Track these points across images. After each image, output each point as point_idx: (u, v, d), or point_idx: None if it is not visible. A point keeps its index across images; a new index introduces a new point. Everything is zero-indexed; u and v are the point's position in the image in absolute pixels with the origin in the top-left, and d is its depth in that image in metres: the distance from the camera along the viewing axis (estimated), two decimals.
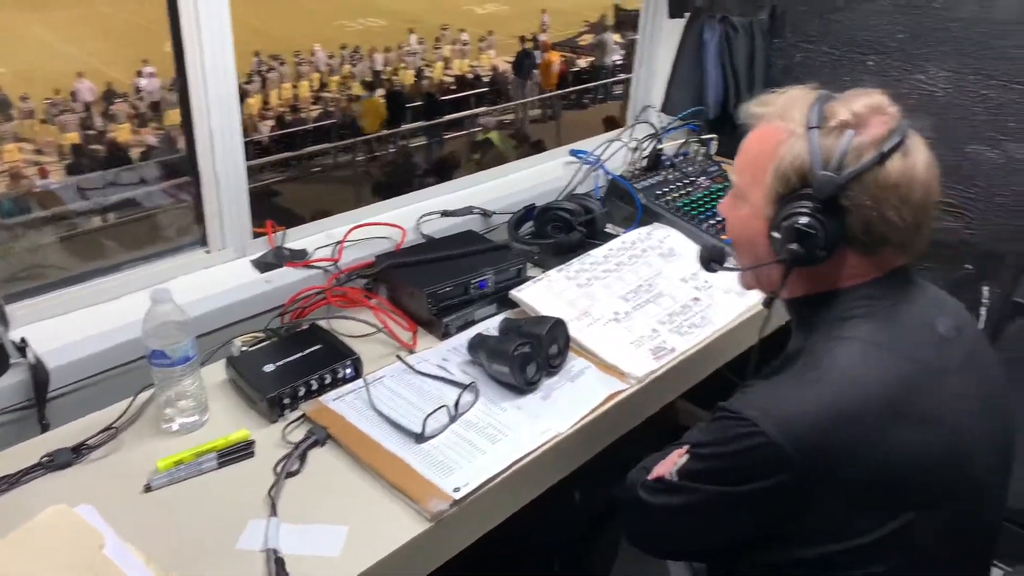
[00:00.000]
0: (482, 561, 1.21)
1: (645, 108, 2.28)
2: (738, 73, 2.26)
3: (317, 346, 1.39)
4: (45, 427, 1.29)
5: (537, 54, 13.41)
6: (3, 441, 1.23)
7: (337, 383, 1.35)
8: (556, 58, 13.38)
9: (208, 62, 1.46)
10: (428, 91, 12.38)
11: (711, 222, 1.86)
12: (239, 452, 1.21)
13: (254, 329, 1.48)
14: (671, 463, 1.05)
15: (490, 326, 1.52)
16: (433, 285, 1.50)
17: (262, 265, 1.62)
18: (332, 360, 1.35)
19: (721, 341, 1.55)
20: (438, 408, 1.26)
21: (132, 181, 8.26)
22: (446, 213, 1.85)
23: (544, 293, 1.57)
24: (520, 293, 1.56)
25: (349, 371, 1.36)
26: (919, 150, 0.99)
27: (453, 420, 1.27)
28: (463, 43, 14.68)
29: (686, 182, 1.99)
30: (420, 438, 1.22)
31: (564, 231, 1.77)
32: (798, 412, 0.93)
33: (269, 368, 1.33)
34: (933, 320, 1.03)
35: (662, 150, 2.05)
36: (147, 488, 1.14)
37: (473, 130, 11.50)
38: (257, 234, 1.67)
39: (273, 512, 1.10)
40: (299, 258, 1.65)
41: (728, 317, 1.59)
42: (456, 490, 1.13)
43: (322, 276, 1.62)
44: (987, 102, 1.96)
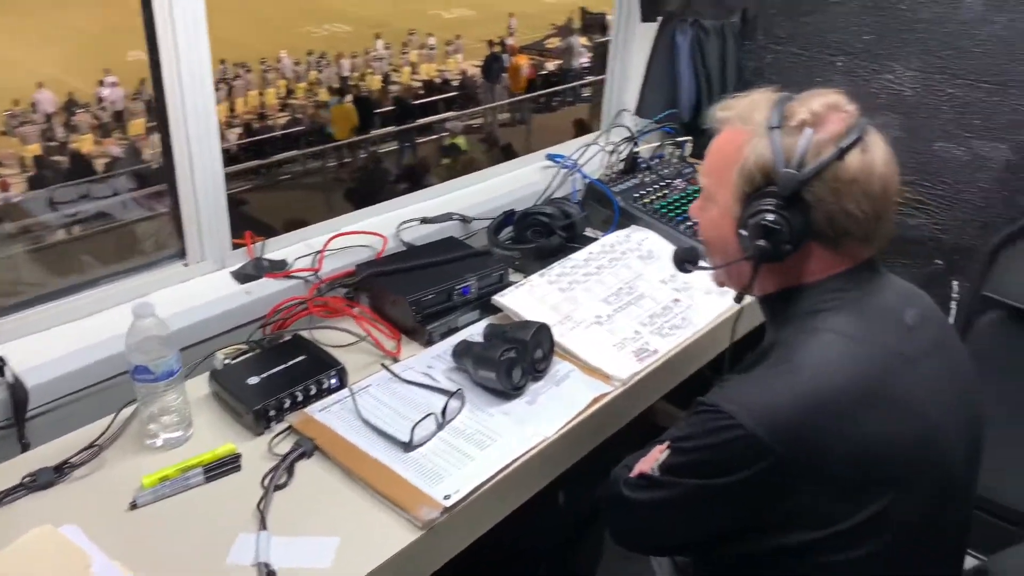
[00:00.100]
0: (468, 567, 1.20)
1: (621, 112, 2.29)
2: (710, 75, 2.28)
3: (301, 357, 1.38)
4: (25, 446, 1.27)
5: (505, 58, 13.42)
6: None
7: (322, 394, 1.34)
8: (525, 62, 13.38)
9: (185, 72, 1.45)
10: (400, 95, 12.33)
11: (688, 223, 1.87)
12: (226, 466, 1.19)
13: (235, 341, 1.47)
14: (652, 459, 1.06)
15: (473, 332, 1.52)
16: (416, 292, 1.50)
17: (242, 276, 1.60)
18: (317, 371, 1.35)
19: (702, 341, 1.57)
20: (425, 416, 1.26)
21: (105, 193, 8.11)
22: (425, 220, 1.85)
23: (527, 298, 1.58)
24: (503, 298, 1.56)
25: (334, 381, 1.36)
26: (877, 145, 1.02)
27: (441, 428, 1.27)
28: (430, 48, 14.65)
29: (662, 184, 2.01)
30: (408, 447, 1.22)
31: (544, 235, 1.78)
32: (774, 403, 0.96)
33: (253, 380, 1.32)
34: (900, 310, 1.06)
35: (638, 153, 2.06)
36: (133, 505, 1.13)
37: (443, 135, 11.48)
38: (236, 245, 1.65)
39: (263, 525, 1.09)
40: (279, 269, 1.63)
41: (708, 318, 1.61)
42: (446, 497, 1.13)
43: (303, 286, 1.61)
44: (953, 100, 2.00)
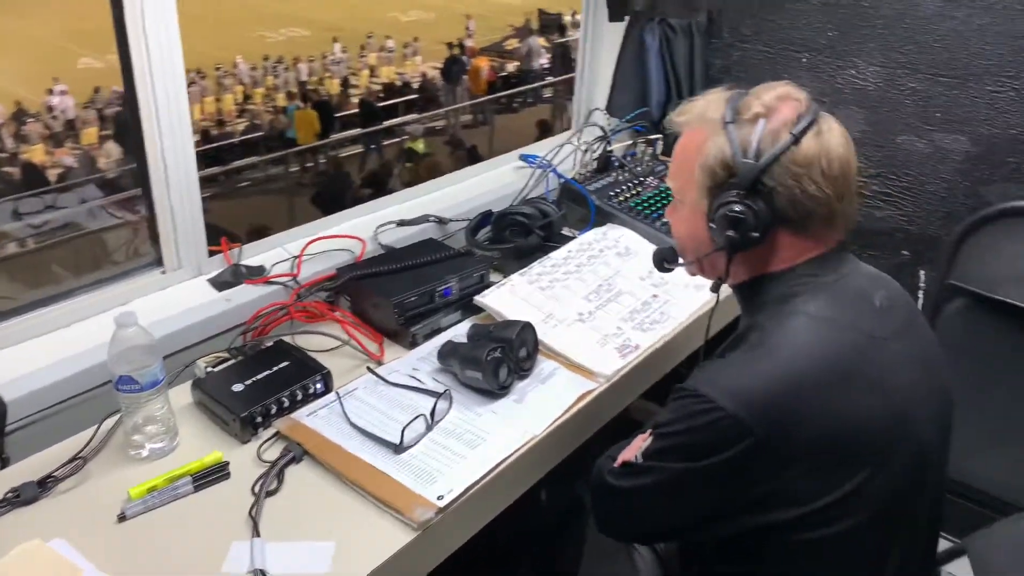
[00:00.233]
0: (451, 569, 1.20)
1: (593, 111, 2.31)
2: (679, 74, 2.31)
3: (285, 363, 1.37)
4: (5, 462, 1.24)
5: (465, 60, 13.40)
6: None
7: (309, 399, 1.33)
8: (485, 63, 13.38)
9: (158, 76, 1.43)
10: (364, 98, 12.23)
11: (663, 220, 1.89)
12: (214, 474, 1.18)
13: (216, 349, 1.45)
14: (636, 447, 1.09)
15: (457, 333, 1.53)
16: (399, 295, 1.49)
17: (220, 284, 1.59)
18: (302, 376, 1.34)
19: (682, 335, 1.59)
20: (415, 418, 1.26)
21: (69, 202, 7.90)
22: (403, 222, 1.84)
23: (508, 297, 1.58)
24: (485, 299, 1.57)
25: (320, 386, 1.35)
26: (832, 129, 1.06)
27: (430, 429, 1.27)
28: (389, 51, 14.55)
29: (636, 182, 2.02)
30: (399, 448, 1.22)
31: (522, 235, 1.79)
32: (752, 384, 0.99)
33: (238, 387, 1.30)
34: (870, 294, 1.10)
35: (612, 152, 2.08)
36: (121, 517, 1.11)
37: (405, 138, 11.42)
38: (212, 252, 1.63)
39: (256, 532, 1.08)
40: (257, 275, 1.62)
41: (688, 311, 1.63)
42: (440, 497, 1.13)
43: (282, 292, 1.60)
44: (915, 95, 2.05)
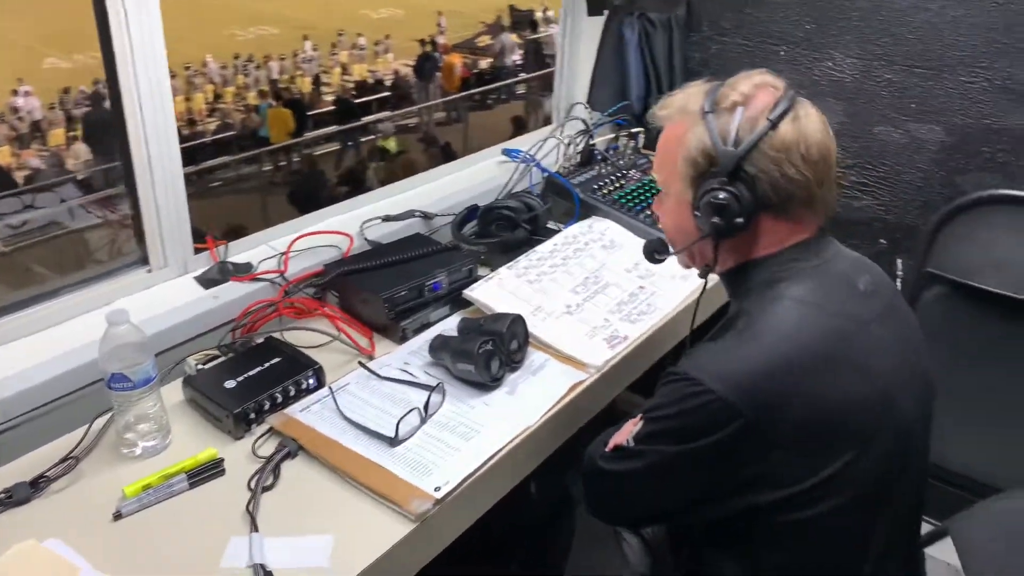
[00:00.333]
0: (441, 562, 1.21)
1: (575, 105, 2.32)
2: (658, 68, 2.32)
3: (276, 359, 1.37)
4: None
5: (438, 56, 13.35)
6: None
7: (301, 394, 1.33)
8: (458, 60, 13.34)
9: (141, 73, 1.41)
10: (341, 95, 12.13)
11: (647, 212, 1.91)
12: (209, 471, 1.18)
13: (204, 347, 1.44)
14: (627, 432, 1.11)
15: (446, 327, 1.53)
16: (389, 290, 1.50)
17: (207, 281, 1.58)
18: (294, 372, 1.34)
19: (669, 326, 1.61)
20: (409, 411, 1.26)
21: (49, 203, 7.76)
22: (388, 218, 1.84)
23: (497, 291, 1.59)
24: (474, 292, 1.57)
25: (312, 381, 1.35)
26: (810, 115, 1.09)
27: (424, 422, 1.28)
28: (360, 48, 14.44)
29: (619, 175, 2.04)
30: (394, 442, 1.22)
31: (509, 229, 1.79)
32: (741, 367, 1.01)
33: (230, 384, 1.30)
34: (854, 278, 1.13)
35: (595, 145, 2.09)
36: (117, 515, 1.11)
37: (377, 136, 11.34)
38: (198, 250, 1.63)
39: (254, 527, 1.08)
40: (244, 272, 1.61)
41: (674, 302, 1.65)
42: (437, 489, 1.14)
43: (270, 288, 1.59)
44: (891, 86, 2.08)
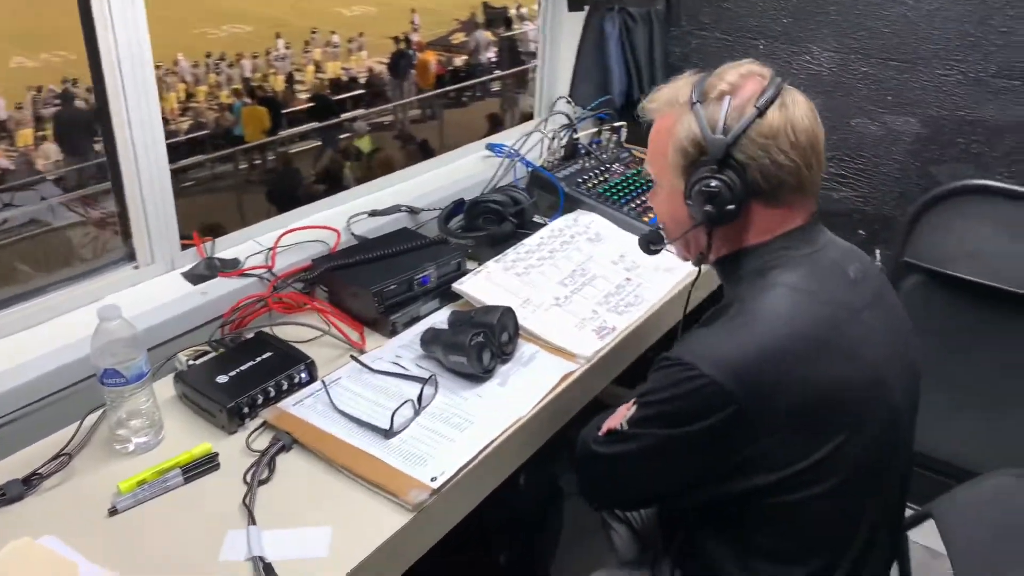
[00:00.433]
0: (440, 550, 1.22)
1: (557, 99, 2.33)
2: (639, 62, 2.35)
3: (267, 353, 1.37)
4: None
5: (412, 53, 13.29)
6: None
7: (294, 388, 1.34)
8: (433, 57, 13.30)
9: (127, 73, 1.41)
10: (318, 92, 12.03)
11: (632, 205, 1.93)
12: (204, 466, 1.18)
13: (194, 343, 1.44)
14: (620, 416, 1.12)
15: (436, 320, 1.54)
16: (379, 284, 1.50)
17: (194, 277, 1.57)
18: (286, 366, 1.34)
19: (656, 316, 1.63)
20: (403, 403, 1.27)
21: (29, 201, 7.64)
22: (374, 213, 1.85)
23: (485, 284, 1.60)
24: (463, 286, 1.58)
25: (304, 375, 1.36)
26: (797, 101, 1.11)
27: (418, 413, 1.29)
28: (334, 46, 14.34)
29: (603, 169, 2.06)
30: (389, 433, 1.23)
31: (496, 223, 1.80)
32: (734, 352, 1.03)
33: (222, 379, 1.30)
34: (844, 266, 1.15)
35: (578, 139, 2.11)
36: (112, 511, 1.10)
37: (350, 135, 11.27)
38: (185, 246, 1.62)
39: (252, 520, 1.08)
40: (232, 267, 1.61)
41: (660, 293, 1.67)
42: (433, 479, 1.15)
43: (258, 284, 1.59)
44: (868, 79, 2.12)
